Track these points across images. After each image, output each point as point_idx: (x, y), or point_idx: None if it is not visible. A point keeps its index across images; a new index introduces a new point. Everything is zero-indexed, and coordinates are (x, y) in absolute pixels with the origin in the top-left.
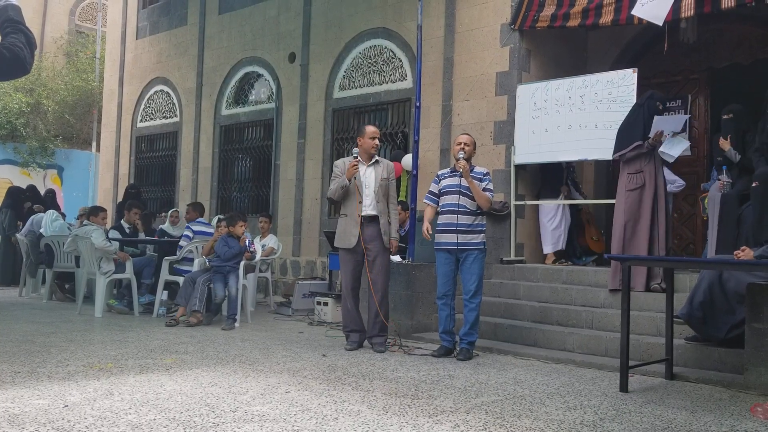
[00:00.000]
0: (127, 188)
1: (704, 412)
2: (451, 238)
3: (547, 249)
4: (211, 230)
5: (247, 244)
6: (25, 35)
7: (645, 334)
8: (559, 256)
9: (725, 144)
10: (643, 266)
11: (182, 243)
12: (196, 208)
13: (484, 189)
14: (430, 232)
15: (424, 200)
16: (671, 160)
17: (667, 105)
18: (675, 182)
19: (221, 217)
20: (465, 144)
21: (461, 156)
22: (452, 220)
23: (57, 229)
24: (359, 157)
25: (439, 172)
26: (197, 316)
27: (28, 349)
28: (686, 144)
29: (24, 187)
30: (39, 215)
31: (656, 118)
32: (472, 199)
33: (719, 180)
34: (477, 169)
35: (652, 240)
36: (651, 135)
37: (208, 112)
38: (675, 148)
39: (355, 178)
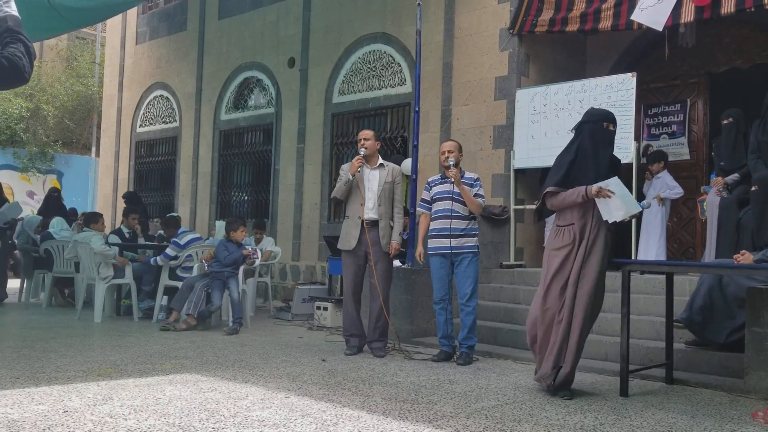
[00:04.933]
0: (126, 195)
1: (704, 417)
2: (444, 242)
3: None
4: (198, 234)
5: (250, 252)
6: (24, 45)
7: (645, 338)
8: None
9: (719, 181)
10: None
11: (169, 251)
12: (169, 224)
13: (475, 195)
14: (422, 259)
15: (418, 208)
16: (610, 220)
17: (666, 109)
18: (674, 189)
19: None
20: (449, 151)
21: (451, 163)
22: (446, 225)
23: (63, 238)
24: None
25: (430, 179)
26: (188, 321)
27: (28, 354)
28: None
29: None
30: (29, 216)
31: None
32: (464, 204)
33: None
34: (467, 175)
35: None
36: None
37: (207, 117)
38: (615, 212)
39: (355, 175)
